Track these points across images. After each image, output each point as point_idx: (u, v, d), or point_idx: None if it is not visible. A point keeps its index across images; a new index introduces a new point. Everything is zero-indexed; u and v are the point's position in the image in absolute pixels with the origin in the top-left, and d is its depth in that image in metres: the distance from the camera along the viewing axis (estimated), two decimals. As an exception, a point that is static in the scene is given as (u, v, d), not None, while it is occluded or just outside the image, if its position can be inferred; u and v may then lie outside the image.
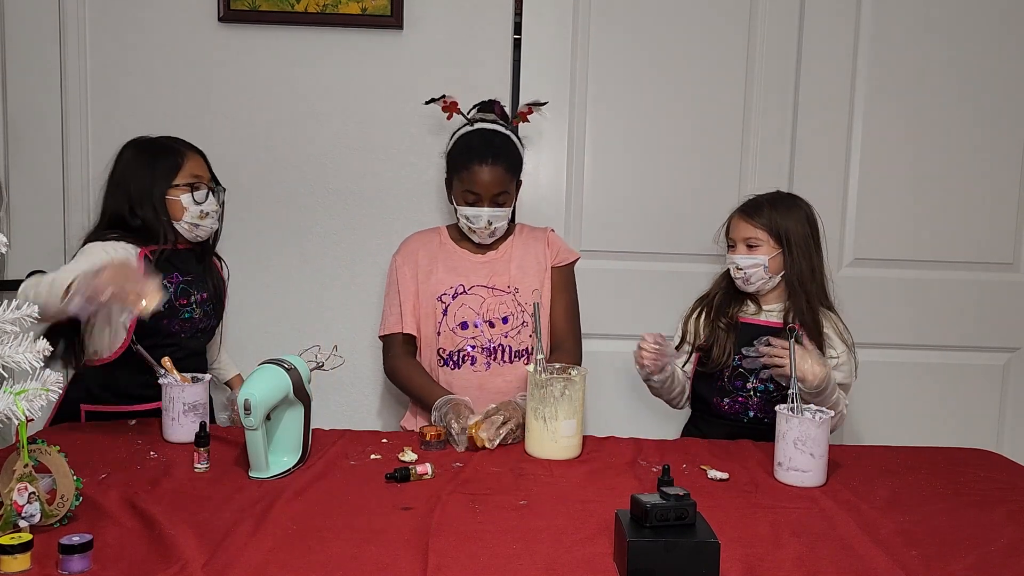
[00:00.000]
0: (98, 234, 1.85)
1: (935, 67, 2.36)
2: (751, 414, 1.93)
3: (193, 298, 1.92)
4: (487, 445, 1.72)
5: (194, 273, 1.94)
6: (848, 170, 2.39)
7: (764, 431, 1.85)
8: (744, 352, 1.88)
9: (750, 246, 1.92)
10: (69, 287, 1.50)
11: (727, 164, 2.38)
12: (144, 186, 1.87)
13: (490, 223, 1.98)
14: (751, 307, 1.98)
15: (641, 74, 2.37)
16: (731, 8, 2.35)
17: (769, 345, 1.78)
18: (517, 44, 2.36)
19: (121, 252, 1.78)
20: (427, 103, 2.17)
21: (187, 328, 1.92)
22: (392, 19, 2.29)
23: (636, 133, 2.39)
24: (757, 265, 1.91)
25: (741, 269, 1.92)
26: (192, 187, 1.90)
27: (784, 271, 1.92)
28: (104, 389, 1.90)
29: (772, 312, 1.95)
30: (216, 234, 2.00)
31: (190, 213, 1.89)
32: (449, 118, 2.15)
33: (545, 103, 2.20)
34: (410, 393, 2.04)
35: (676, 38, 2.35)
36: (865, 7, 2.34)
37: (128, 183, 1.88)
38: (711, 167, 2.39)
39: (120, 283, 1.48)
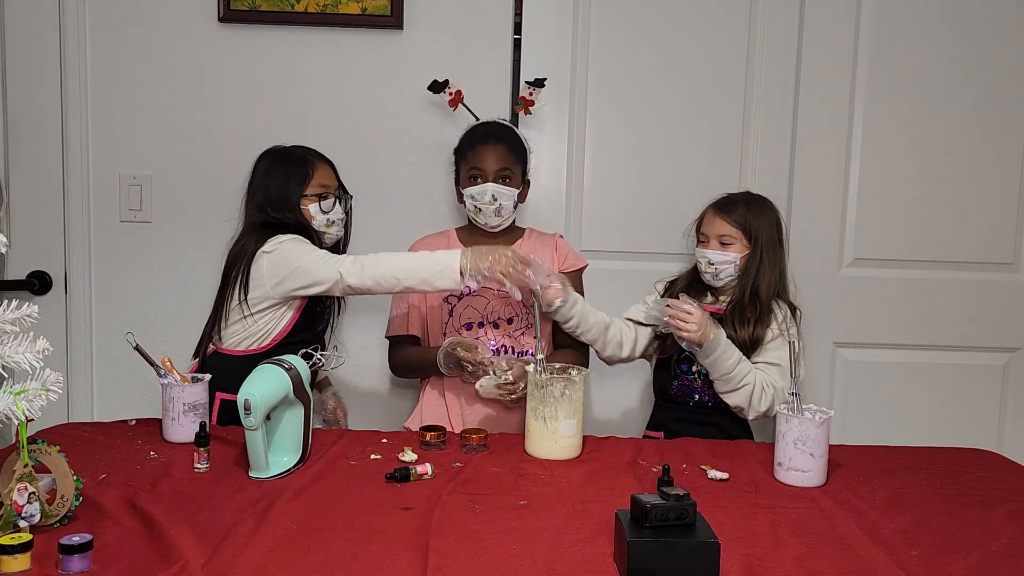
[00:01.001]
0: (254, 237, 1.95)
1: (935, 67, 2.35)
2: (696, 397, 1.99)
3: (330, 303, 2.12)
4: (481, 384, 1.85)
5: None
6: (848, 170, 2.39)
7: (708, 415, 1.96)
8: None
9: (723, 243, 1.98)
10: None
11: (727, 164, 2.38)
12: (283, 193, 2.00)
13: (495, 198, 2.00)
14: (709, 297, 2.04)
15: (641, 74, 2.37)
16: (731, 9, 2.34)
17: (670, 308, 1.83)
18: (517, 44, 2.36)
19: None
20: (431, 87, 2.20)
21: (325, 329, 2.12)
22: (392, 19, 2.29)
23: (636, 133, 2.38)
24: (729, 262, 1.97)
25: (713, 264, 1.98)
26: (320, 197, 2.01)
27: (747, 269, 1.98)
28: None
29: (725, 302, 2.02)
30: (345, 238, 2.13)
31: (317, 221, 2.02)
32: (454, 109, 2.16)
33: (544, 79, 2.23)
34: (414, 369, 2.11)
35: (676, 38, 2.35)
36: (865, 7, 2.34)
37: (267, 191, 2.01)
38: (711, 167, 2.38)
39: (508, 266, 1.78)
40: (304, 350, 1.72)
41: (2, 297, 1.61)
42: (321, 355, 1.76)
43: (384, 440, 1.79)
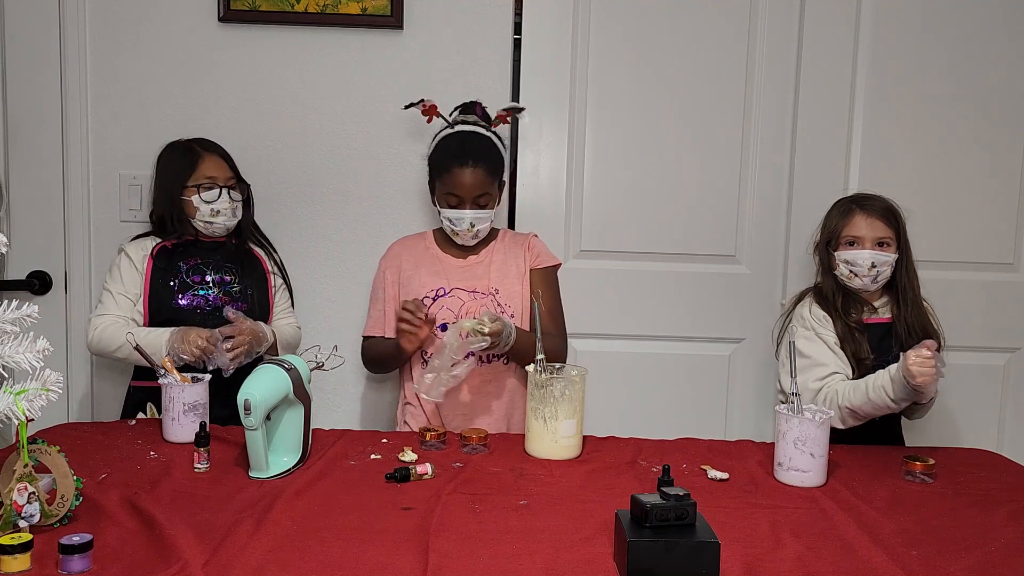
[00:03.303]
0: (141, 233, 2.13)
1: (935, 67, 2.35)
2: None
3: (209, 278, 2.06)
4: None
5: (214, 258, 2.08)
6: (848, 170, 2.39)
7: (888, 425, 1.90)
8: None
9: (881, 244, 1.93)
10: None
11: (727, 164, 2.38)
12: (165, 186, 2.07)
13: (472, 225, 2.00)
14: (865, 308, 1.97)
15: (641, 74, 2.36)
16: (731, 8, 2.34)
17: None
18: (517, 44, 2.36)
19: (136, 251, 2.05)
20: (406, 108, 2.18)
21: (201, 304, 2.04)
22: (392, 19, 2.29)
23: (636, 133, 2.38)
24: (888, 263, 1.92)
25: (875, 267, 1.91)
26: (202, 188, 2.04)
27: (894, 269, 1.95)
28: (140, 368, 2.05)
29: (882, 310, 1.97)
30: (244, 225, 2.13)
31: (201, 212, 2.04)
32: (429, 121, 2.16)
33: (522, 108, 2.22)
34: (382, 361, 2.10)
35: (676, 38, 2.35)
36: (865, 7, 2.34)
37: (156, 187, 2.11)
38: (711, 167, 2.38)
39: (190, 345, 1.87)
40: (306, 349, 1.72)
41: (2, 297, 1.61)
42: (320, 355, 1.76)
43: (384, 440, 1.79)
